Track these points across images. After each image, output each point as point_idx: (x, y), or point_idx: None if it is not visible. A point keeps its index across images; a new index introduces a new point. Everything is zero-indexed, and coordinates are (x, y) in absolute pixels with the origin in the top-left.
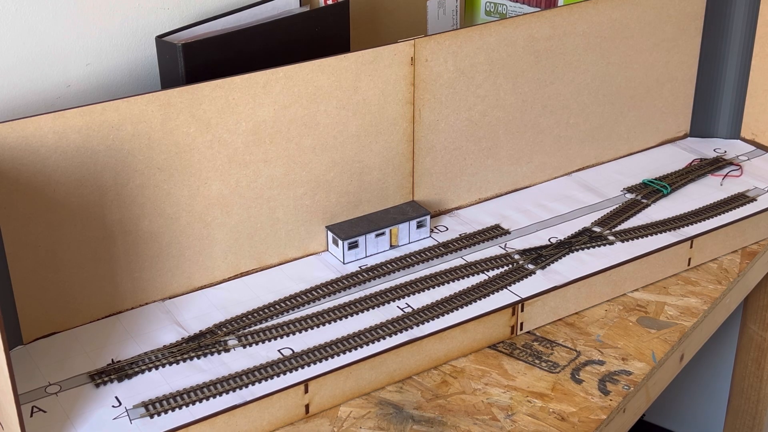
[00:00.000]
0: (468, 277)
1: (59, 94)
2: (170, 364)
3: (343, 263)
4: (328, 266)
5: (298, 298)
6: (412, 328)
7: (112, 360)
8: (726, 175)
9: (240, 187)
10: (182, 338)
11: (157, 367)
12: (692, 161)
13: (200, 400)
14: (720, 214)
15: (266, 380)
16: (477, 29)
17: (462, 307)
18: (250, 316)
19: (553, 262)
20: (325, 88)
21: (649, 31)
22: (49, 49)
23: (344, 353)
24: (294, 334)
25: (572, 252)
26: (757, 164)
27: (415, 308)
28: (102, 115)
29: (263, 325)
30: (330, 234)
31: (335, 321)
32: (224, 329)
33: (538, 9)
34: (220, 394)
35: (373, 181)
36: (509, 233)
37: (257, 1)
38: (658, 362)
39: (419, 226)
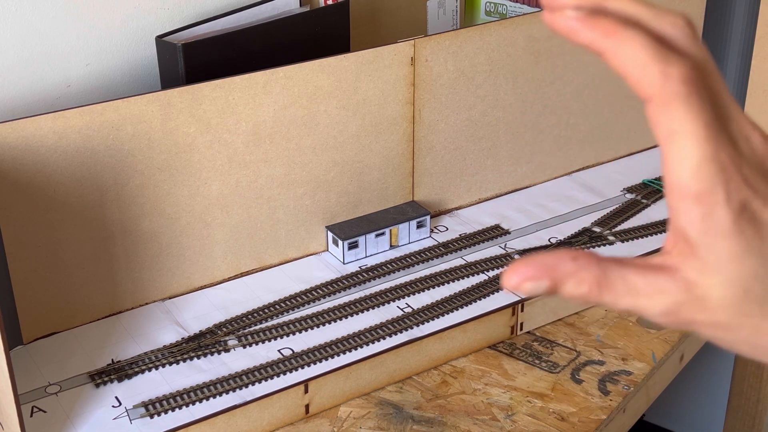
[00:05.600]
0: (468, 277)
1: (59, 94)
2: (170, 364)
3: (343, 263)
4: (328, 266)
5: (298, 298)
6: (412, 328)
7: (112, 360)
8: None
9: (240, 187)
10: (182, 338)
11: (157, 367)
12: None
13: (200, 400)
14: None
15: (266, 380)
16: (477, 29)
17: (462, 307)
18: (250, 316)
19: None
20: (325, 88)
21: None
22: (49, 49)
23: (344, 353)
24: (294, 334)
25: None
26: None
27: (415, 308)
28: (102, 115)
29: (263, 325)
30: (330, 234)
31: (335, 321)
32: (224, 329)
33: (538, 9)
34: (220, 394)
35: (373, 181)
36: (509, 233)
37: (257, 1)
38: (658, 362)
39: (419, 226)
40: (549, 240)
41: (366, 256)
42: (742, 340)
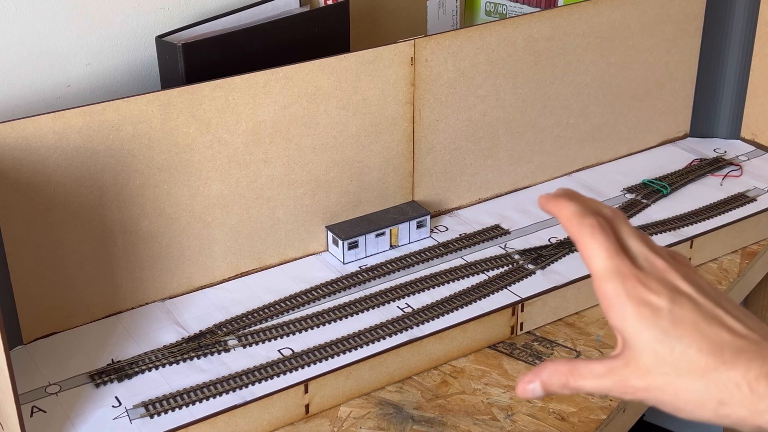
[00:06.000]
0: (468, 277)
1: (59, 94)
2: (170, 364)
3: (343, 263)
4: (328, 266)
5: (298, 298)
6: (412, 328)
7: (112, 360)
8: (726, 175)
9: (240, 187)
10: (182, 338)
11: (157, 367)
12: (692, 161)
13: (200, 400)
14: (720, 214)
15: (266, 380)
16: (477, 29)
17: (462, 307)
18: (250, 316)
19: (553, 262)
20: (325, 88)
21: (649, 31)
22: (49, 49)
23: (344, 353)
24: (294, 334)
25: (572, 252)
26: (757, 164)
27: (415, 308)
28: (102, 115)
29: (263, 325)
30: (330, 234)
31: (335, 321)
32: (224, 329)
33: (538, 9)
34: (220, 394)
35: (373, 181)
36: (509, 233)
37: (257, 1)
38: None
39: (419, 226)
40: (549, 240)
41: (366, 256)
42: (675, 397)
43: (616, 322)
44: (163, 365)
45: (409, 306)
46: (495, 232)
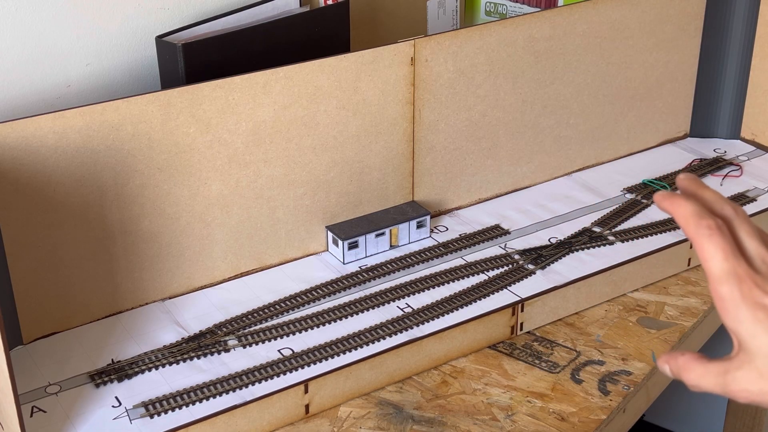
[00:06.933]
0: (468, 277)
1: (59, 94)
2: (170, 364)
3: (343, 263)
4: (328, 266)
5: (298, 298)
6: (412, 328)
7: (112, 360)
8: (726, 175)
9: (240, 187)
10: (182, 338)
11: (157, 367)
12: (692, 161)
13: (200, 400)
14: None
15: (266, 380)
16: (477, 29)
17: (462, 307)
18: (250, 316)
19: (553, 262)
20: (325, 88)
21: (649, 31)
22: (49, 49)
23: (344, 353)
24: (294, 334)
25: (572, 252)
26: (757, 164)
27: (415, 308)
28: (102, 115)
29: (263, 325)
30: (330, 234)
31: (335, 321)
32: (224, 329)
33: (538, 9)
34: (220, 394)
35: (373, 181)
36: (509, 233)
37: (257, 1)
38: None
39: (419, 226)
40: (549, 240)
41: (366, 256)
42: None
43: (731, 324)
44: (163, 365)
45: (409, 306)
46: (495, 232)
